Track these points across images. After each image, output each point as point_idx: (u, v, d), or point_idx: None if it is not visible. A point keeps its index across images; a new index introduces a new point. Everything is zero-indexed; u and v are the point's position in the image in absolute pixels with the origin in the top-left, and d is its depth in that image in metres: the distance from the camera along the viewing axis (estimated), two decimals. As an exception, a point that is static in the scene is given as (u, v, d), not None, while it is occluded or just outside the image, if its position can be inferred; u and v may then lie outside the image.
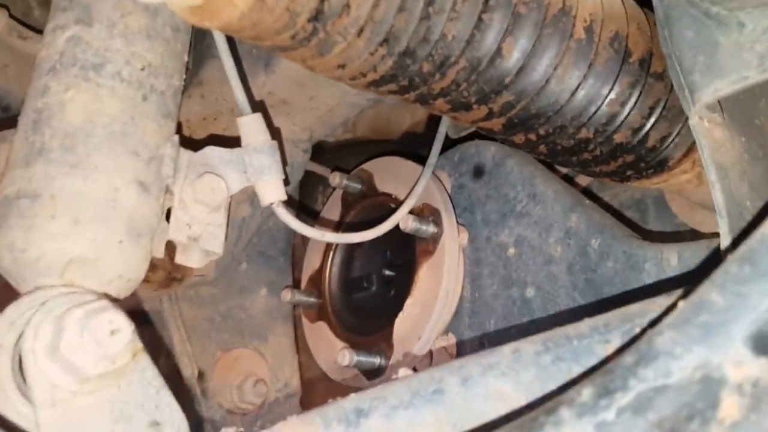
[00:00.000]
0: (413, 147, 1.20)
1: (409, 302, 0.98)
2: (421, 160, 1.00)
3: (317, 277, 1.16)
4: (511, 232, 0.95)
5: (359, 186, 1.10)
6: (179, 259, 0.70)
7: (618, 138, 0.73)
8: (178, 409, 0.56)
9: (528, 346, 0.50)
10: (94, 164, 0.60)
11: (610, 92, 0.70)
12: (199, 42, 0.96)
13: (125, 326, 0.50)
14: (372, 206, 1.10)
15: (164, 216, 0.68)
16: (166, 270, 1.03)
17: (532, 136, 0.72)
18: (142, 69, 0.65)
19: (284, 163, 0.74)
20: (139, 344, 0.56)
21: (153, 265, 1.04)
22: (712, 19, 0.59)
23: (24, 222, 0.57)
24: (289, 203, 1.14)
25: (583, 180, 1.04)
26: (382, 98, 1.11)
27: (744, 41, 0.57)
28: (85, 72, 0.62)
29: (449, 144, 1.08)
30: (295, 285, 1.21)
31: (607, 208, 0.97)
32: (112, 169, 0.60)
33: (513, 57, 0.63)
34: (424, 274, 0.98)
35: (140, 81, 0.64)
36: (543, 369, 0.48)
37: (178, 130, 0.71)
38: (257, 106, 0.76)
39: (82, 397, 0.51)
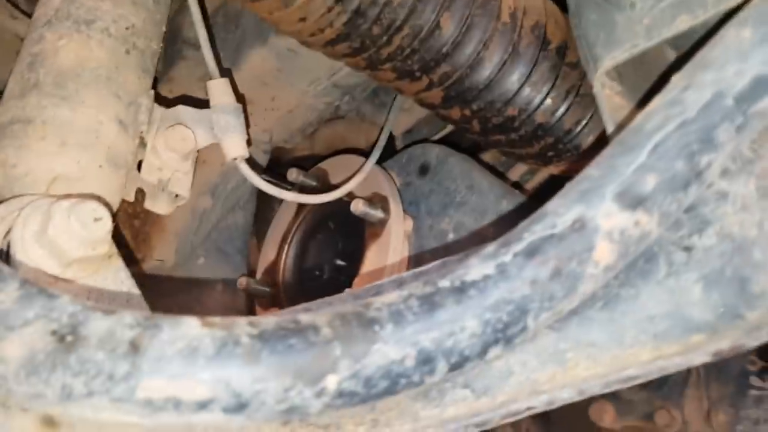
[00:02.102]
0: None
1: (356, 281, 1.06)
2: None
3: (272, 269, 1.23)
4: (450, 219, 1.06)
5: (314, 183, 1.20)
6: (148, 204, 0.78)
7: (538, 118, 0.85)
8: (146, 306, 0.63)
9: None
10: (81, 99, 0.68)
11: (531, 73, 0.82)
12: (170, 44, 1.06)
13: (107, 216, 0.58)
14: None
15: (135, 165, 0.76)
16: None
17: (467, 111, 0.84)
18: (127, 28, 0.75)
19: (247, 125, 0.84)
20: (115, 249, 0.64)
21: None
22: (610, 3, 0.72)
23: (15, 142, 0.65)
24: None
25: (513, 176, 1.16)
26: (336, 112, 1.22)
27: (635, 17, 0.69)
28: (77, 25, 0.71)
29: (398, 151, 1.20)
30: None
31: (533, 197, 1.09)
32: (97, 105, 0.69)
33: (449, 30, 0.74)
34: (371, 255, 1.07)
35: (125, 37, 0.74)
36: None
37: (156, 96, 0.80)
38: (226, 74, 0.86)
39: (62, 282, 0.59)
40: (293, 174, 1.18)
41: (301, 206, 1.23)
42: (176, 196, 0.78)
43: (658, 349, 0.53)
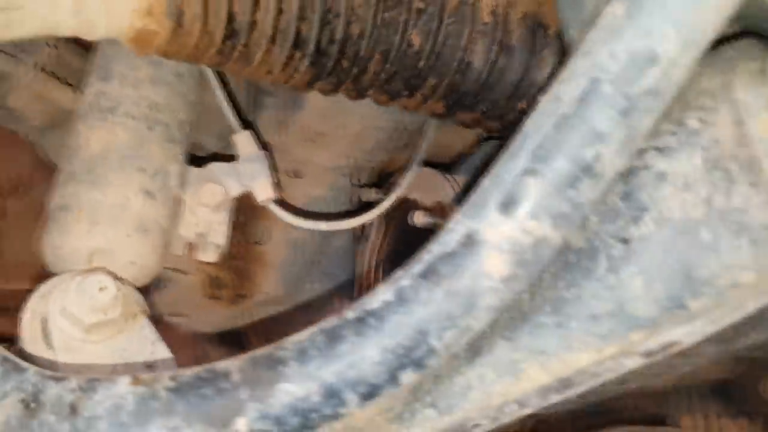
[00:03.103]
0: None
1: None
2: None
3: (367, 287, 1.29)
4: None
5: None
6: (195, 255, 0.87)
7: None
8: (171, 356, 0.71)
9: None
10: (109, 180, 0.79)
11: (531, 62, 0.79)
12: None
13: (111, 285, 0.67)
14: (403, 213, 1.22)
15: (172, 226, 0.85)
16: (233, 287, 1.20)
17: (476, 115, 0.83)
18: (148, 107, 0.84)
19: (275, 169, 0.90)
20: (139, 308, 0.73)
21: (220, 283, 1.22)
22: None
23: (59, 227, 0.77)
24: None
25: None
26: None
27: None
28: (103, 114, 0.82)
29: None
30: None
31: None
32: (123, 182, 0.79)
33: (421, 46, 0.75)
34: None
35: (146, 116, 0.83)
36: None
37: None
38: (248, 125, 0.93)
39: (89, 345, 0.68)
40: (371, 194, 1.23)
41: (387, 226, 1.27)
42: (217, 245, 0.86)
43: (599, 352, 0.50)
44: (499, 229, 0.46)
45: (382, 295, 0.49)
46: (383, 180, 1.32)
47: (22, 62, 0.97)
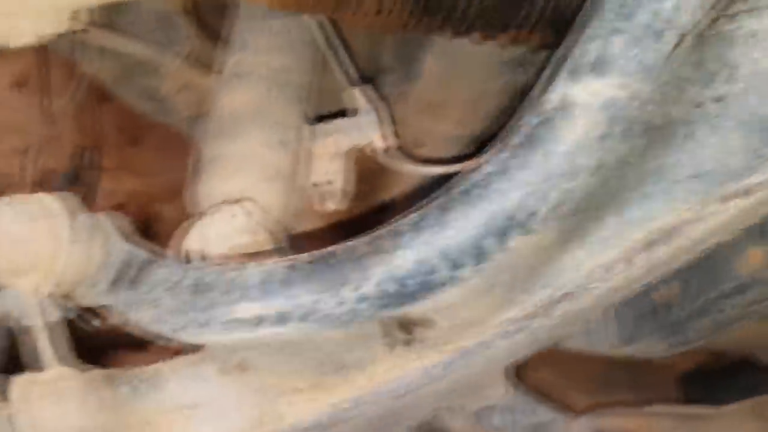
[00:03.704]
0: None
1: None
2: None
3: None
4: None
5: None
6: (323, 203, 0.95)
7: None
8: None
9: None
10: (249, 133, 0.89)
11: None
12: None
13: (241, 214, 0.76)
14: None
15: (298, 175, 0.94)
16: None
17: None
18: (279, 71, 0.94)
19: (393, 121, 0.97)
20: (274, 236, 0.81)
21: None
22: None
23: (211, 176, 0.88)
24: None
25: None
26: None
27: None
28: (238, 78, 0.93)
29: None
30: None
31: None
32: (254, 135, 0.89)
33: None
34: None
35: (276, 78, 0.93)
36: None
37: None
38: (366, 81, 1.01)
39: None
40: None
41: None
42: (344, 191, 0.94)
43: (703, 205, 0.52)
44: (592, 88, 0.50)
45: (484, 168, 0.54)
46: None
47: (168, 51, 1.10)
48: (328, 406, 0.65)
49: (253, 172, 0.86)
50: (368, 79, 1.01)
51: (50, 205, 0.65)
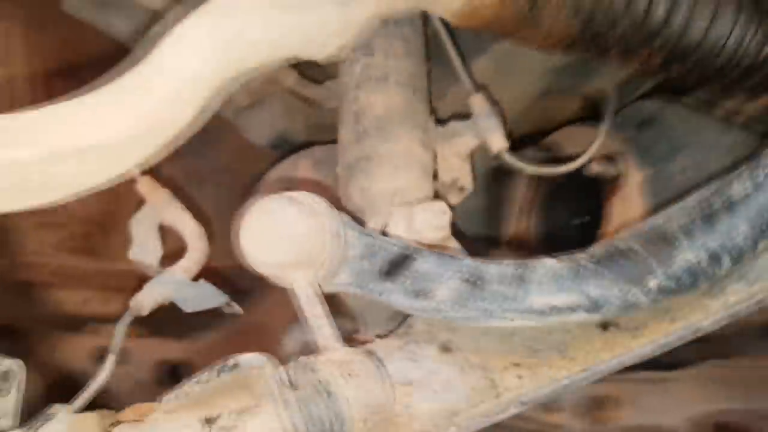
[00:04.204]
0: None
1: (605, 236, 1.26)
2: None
3: (519, 238, 1.47)
4: (676, 164, 1.22)
5: (548, 154, 1.41)
6: (447, 198, 1.04)
7: (747, 61, 0.99)
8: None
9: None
10: (396, 134, 0.96)
11: (737, 21, 0.96)
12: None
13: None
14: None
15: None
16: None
17: (682, 68, 1.00)
18: (409, 75, 1.01)
19: (505, 124, 1.07)
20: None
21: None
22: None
23: (365, 174, 0.94)
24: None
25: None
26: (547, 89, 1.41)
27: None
28: (377, 83, 0.99)
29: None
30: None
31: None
32: (407, 135, 0.96)
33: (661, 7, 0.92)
34: (612, 209, 1.26)
35: (408, 82, 1.00)
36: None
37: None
38: (479, 88, 1.10)
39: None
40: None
41: (538, 178, 1.44)
42: (462, 188, 1.04)
43: None
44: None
45: (741, 185, 0.67)
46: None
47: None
48: (548, 380, 0.76)
49: (413, 170, 0.94)
50: (482, 86, 1.11)
51: (318, 203, 0.70)
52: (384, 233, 0.86)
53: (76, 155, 0.51)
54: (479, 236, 1.59)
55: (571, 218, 1.42)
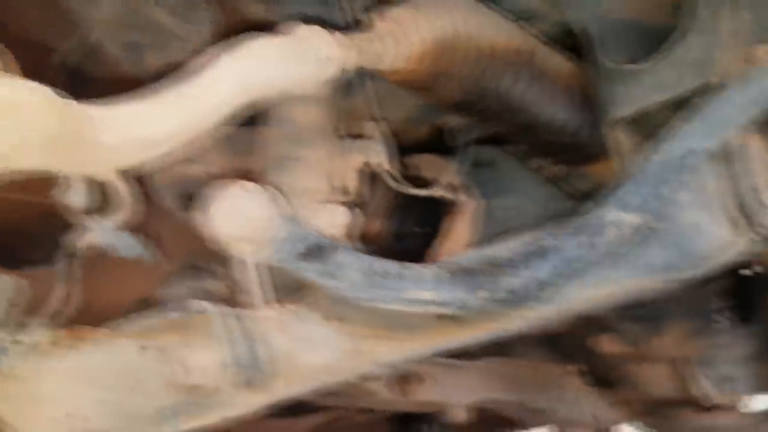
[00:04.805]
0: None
1: (437, 249, 1.57)
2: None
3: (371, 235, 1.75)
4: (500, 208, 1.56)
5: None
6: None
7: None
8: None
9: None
10: (311, 143, 1.20)
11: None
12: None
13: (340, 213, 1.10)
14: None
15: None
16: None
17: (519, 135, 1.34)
18: (325, 96, 1.25)
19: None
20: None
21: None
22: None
23: (280, 171, 1.17)
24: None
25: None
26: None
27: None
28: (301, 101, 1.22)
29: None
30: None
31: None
32: (319, 146, 1.21)
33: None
34: (449, 228, 1.58)
35: (325, 102, 1.25)
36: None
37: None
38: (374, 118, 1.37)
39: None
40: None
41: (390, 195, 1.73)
42: (349, 194, 1.31)
43: None
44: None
45: (552, 237, 1.00)
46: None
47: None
48: (398, 350, 1.05)
49: (321, 175, 1.18)
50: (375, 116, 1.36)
51: (265, 194, 0.93)
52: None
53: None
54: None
55: (415, 226, 1.73)
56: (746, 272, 2.16)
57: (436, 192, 1.49)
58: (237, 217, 0.88)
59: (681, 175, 1.00)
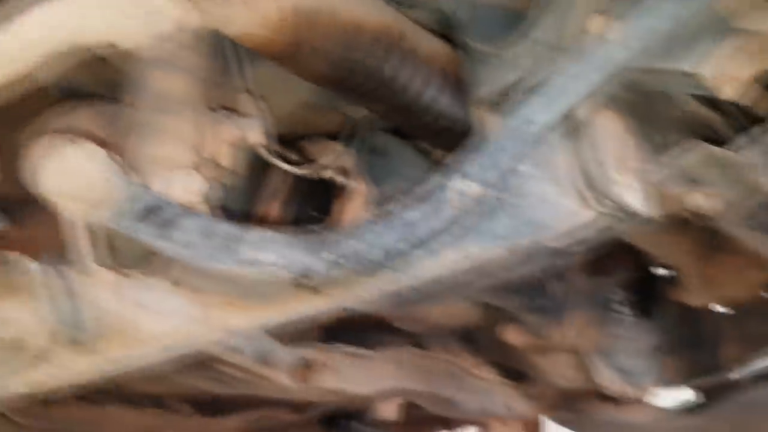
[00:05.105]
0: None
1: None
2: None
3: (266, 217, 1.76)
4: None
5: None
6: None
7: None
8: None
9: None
10: (174, 111, 1.19)
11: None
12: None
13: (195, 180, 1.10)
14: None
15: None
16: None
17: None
18: (195, 64, 1.25)
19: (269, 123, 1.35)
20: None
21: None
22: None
23: (140, 137, 1.16)
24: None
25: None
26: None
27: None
28: (165, 65, 1.22)
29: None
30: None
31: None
32: (182, 114, 1.20)
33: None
34: (339, 210, 1.59)
35: (193, 71, 1.24)
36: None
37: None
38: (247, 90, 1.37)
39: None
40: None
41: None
42: (220, 167, 1.30)
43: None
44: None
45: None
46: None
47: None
48: (249, 318, 1.05)
49: (180, 143, 1.17)
50: (249, 89, 1.36)
51: (99, 151, 0.92)
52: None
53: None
54: (245, 212, 1.85)
55: (309, 209, 1.74)
56: (652, 268, 2.22)
57: (319, 173, 1.50)
58: (67, 174, 0.87)
59: (523, 147, 1.02)
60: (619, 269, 2.17)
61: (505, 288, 1.81)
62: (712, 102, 1.16)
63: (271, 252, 0.93)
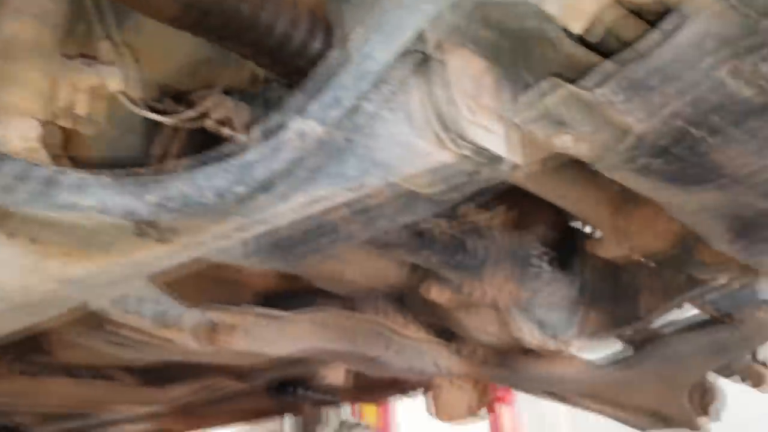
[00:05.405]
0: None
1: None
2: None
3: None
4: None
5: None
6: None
7: None
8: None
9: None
10: (21, 59, 1.14)
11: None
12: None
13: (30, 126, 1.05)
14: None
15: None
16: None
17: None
18: (46, 10, 1.19)
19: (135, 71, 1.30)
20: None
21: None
22: None
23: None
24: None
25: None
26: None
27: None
28: (15, 12, 1.16)
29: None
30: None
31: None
32: (30, 61, 1.15)
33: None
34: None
35: (45, 17, 1.18)
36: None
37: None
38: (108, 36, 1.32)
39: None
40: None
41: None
42: (78, 117, 1.25)
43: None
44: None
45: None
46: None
47: None
48: (87, 269, 1.01)
49: (27, 89, 1.12)
50: (110, 36, 1.30)
51: None
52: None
53: None
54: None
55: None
56: (571, 223, 2.21)
57: (199, 124, 1.45)
58: None
59: (365, 85, 0.98)
60: (538, 224, 2.16)
61: (409, 242, 1.78)
62: (586, 42, 1.12)
63: (89, 195, 0.89)
